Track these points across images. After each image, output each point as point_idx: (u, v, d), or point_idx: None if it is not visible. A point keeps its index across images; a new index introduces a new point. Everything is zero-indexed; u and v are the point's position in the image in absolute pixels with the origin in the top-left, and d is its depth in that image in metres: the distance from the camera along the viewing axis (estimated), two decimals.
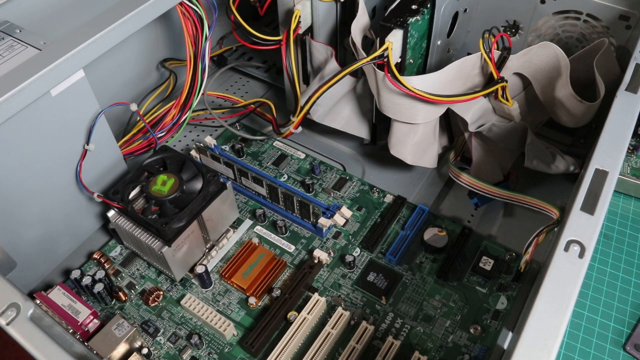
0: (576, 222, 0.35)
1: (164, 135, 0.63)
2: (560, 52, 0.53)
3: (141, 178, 0.55)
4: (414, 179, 0.66)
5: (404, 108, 0.53)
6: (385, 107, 0.54)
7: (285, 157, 0.67)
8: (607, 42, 0.55)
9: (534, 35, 0.64)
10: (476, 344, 0.49)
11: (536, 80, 0.56)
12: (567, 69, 0.53)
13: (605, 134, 0.40)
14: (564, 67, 0.54)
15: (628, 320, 0.55)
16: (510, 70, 0.55)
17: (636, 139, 0.67)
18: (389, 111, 0.55)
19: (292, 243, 0.58)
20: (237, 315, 0.53)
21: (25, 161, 0.49)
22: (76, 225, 0.58)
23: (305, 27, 0.61)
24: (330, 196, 0.63)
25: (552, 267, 0.32)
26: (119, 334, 0.47)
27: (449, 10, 0.59)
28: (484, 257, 0.54)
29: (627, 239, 0.62)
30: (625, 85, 0.44)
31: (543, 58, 0.54)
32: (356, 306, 0.53)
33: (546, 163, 0.60)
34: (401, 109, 0.53)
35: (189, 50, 0.60)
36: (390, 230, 0.59)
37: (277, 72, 0.79)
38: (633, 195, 0.66)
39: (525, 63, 0.55)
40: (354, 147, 0.71)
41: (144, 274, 0.56)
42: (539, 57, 0.54)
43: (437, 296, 0.53)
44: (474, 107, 0.57)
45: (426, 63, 0.62)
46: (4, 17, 0.52)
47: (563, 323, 0.30)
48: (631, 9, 0.56)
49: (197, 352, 0.50)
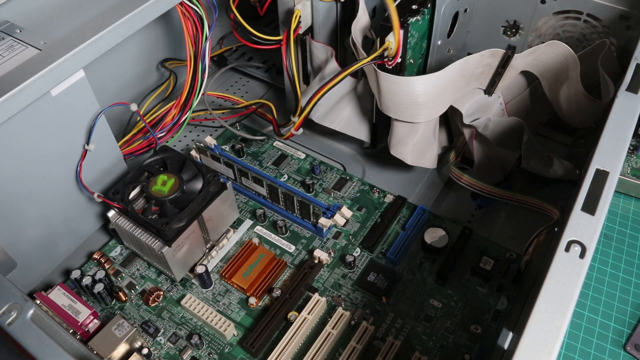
0: (577, 223, 0.35)
1: (164, 135, 0.63)
2: (569, 50, 0.53)
3: (141, 178, 0.55)
4: (414, 179, 0.66)
5: (405, 107, 0.53)
6: (387, 107, 0.54)
7: (286, 157, 0.67)
8: (608, 43, 0.55)
9: (534, 35, 0.64)
10: (476, 344, 0.49)
11: (545, 79, 0.56)
12: (577, 68, 0.54)
13: (605, 134, 0.40)
14: (574, 65, 0.54)
15: (628, 320, 0.55)
16: (516, 68, 0.55)
17: (636, 139, 0.67)
18: (390, 111, 0.55)
19: (293, 243, 0.58)
20: (237, 316, 0.53)
21: (25, 161, 0.49)
22: (76, 225, 0.58)
23: (305, 27, 0.61)
24: (331, 196, 0.63)
25: (553, 267, 0.32)
26: (119, 334, 0.47)
27: (449, 10, 0.59)
28: (484, 257, 0.54)
29: (628, 239, 0.62)
30: (625, 86, 0.44)
31: (552, 56, 0.54)
32: (356, 306, 0.53)
33: (544, 165, 0.60)
34: (402, 108, 0.53)
35: (189, 50, 0.60)
36: (391, 231, 0.59)
37: (277, 72, 0.79)
38: (633, 196, 0.66)
39: (534, 61, 0.55)
40: (354, 147, 0.71)
41: (144, 274, 0.56)
42: (547, 56, 0.54)
43: (438, 296, 0.53)
44: (470, 100, 0.57)
45: (426, 63, 0.62)
46: (4, 17, 0.52)
47: (564, 323, 0.30)
48: (631, 9, 0.56)
49: (197, 352, 0.50)
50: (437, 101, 0.54)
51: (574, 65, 0.54)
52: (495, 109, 0.60)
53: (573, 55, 0.53)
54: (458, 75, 0.53)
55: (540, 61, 0.55)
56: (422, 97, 0.52)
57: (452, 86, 0.54)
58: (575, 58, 0.53)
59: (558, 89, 0.57)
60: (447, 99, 0.55)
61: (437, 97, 0.53)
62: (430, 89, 0.51)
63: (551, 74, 0.56)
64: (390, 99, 0.53)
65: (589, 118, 0.57)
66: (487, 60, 0.54)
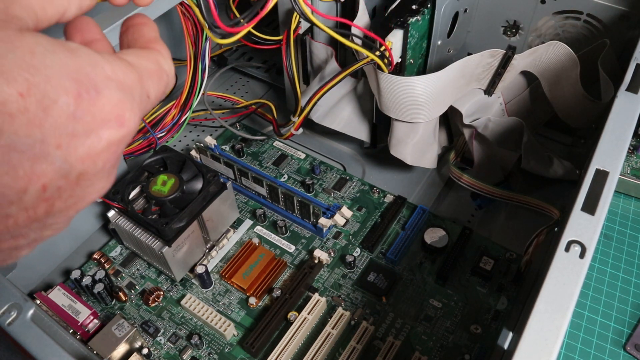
0: (577, 223, 0.35)
1: (164, 135, 0.63)
2: (569, 51, 0.53)
3: (141, 178, 0.55)
4: (414, 179, 0.66)
5: (405, 107, 0.53)
6: (387, 107, 0.54)
7: (286, 157, 0.67)
8: (608, 43, 0.55)
9: (534, 35, 0.64)
10: (476, 344, 0.49)
11: (544, 79, 0.56)
12: (577, 68, 0.54)
13: (605, 134, 0.40)
14: (574, 66, 0.54)
15: (628, 320, 0.55)
16: (516, 69, 0.55)
17: (636, 139, 0.67)
18: (390, 111, 0.55)
19: (293, 243, 0.58)
20: (237, 316, 0.53)
21: None
22: (76, 225, 0.58)
23: (305, 27, 0.61)
24: (331, 196, 0.63)
25: (553, 267, 0.32)
26: (119, 334, 0.47)
27: (449, 10, 0.59)
28: (484, 257, 0.54)
29: (628, 239, 0.62)
30: (625, 86, 0.44)
31: (552, 57, 0.54)
32: (356, 306, 0.53)
33: (543, 165, 0.60)
34: (402, 108, 0.53)
35: (189, 50, 0.59)
36: (391, 231, 0.59)
37: (277, 72, 0.79)
38: (633, 196, 0.66)
39: (534, 62, 0.55)
40: (354, 147, 0.71)
41: (144, 274, 0.56)
42: (547, 56, 0.54)
43: (438, 296, 0.53)
44: (470, 100, 0.57)
45: (426, 63, 0.62)
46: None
47: (564, 323, 0.30)
48: (631, 9, 0.56)
49: (197, 352, 0.50)
50: (437, 101, 0.54)
51: (574, 65, 0.54)
52: (495, 109, 0.60)
53: (573, 56, 0.53)
54: (458, 75, 0.53)
55: (540, 61, 0.55)
56: (422, 97, 0.52)
57: (452, 86, 0.54)
58: (575, 58, 0.53)
59: (558, 89, 0.57)
60: (447, 99, 0.55)
61: (437, 97, 0.53)
62: (430, 89, 0.51)
63: (551, 74, 0.56)
64: (390, 99, 0.53)
65: (588, 118, 0.57)
66: (487, 60, 0.54)
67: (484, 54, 0.53)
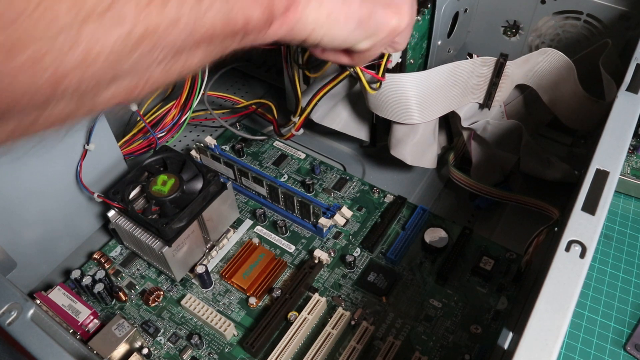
0: (577, 223, 0.35)
1: (164, 135, 0.63)
2: (562, 56, 0.53)
3: (141, 178, 0.55)
4: (414, 179, 0.66)
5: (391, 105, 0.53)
6: (374, 105, 0.54)
7: (286, 157, 0.67)
8: (609, 44, 0.55)
9: (534, 35, 0.64)
10: (476, 344, 0.49)
11: (542, 88, 0.56)
12: (574, 71, 0.53)
13: (605, 134, 0.40)
14: (570, 70, 0.53)
15: (628, 320, 0.55)
16: (511, 78, 0.55)
17: (636, 139, 0.67)
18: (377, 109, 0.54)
19: (293, 243, 0.58)
20: (237, 316, 0.53)
21: (25, 161, 0.49)
22: (76, 225, 0.58)
23: None
24: (331, 196, 0.63)
25: (553, 267, 0.32)
26: (119, 334, 0.47)
27: (450, 11, 0.59)
28: (484, 257, 0.54)
29: (628, 239, 0.62)
30: (625, 86, 0.44)
31: (546, 65, 0.54)
32: (356, 306, 0.53)
33: (542, 167, 0.60)
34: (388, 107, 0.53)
35: None
36: (391, 231, 0.59)
37: (277, 72, 0.79)
38: (633, 196, 0.66)
39: (529, 72, 0.55)
40: (354, 147, 0.71)
41: (144, 274, 0.56)
42: (541, 65, 0.54)
43: (438, 296, 0.53)
44: (469, 103, 0.57)
45: (426, 63, 0.62)
46: None
47: (564, 323, 0.30)
48: (631, 9, 0.56)
49: (197, 352, 0.50)
50: (427, 102, 0.53)
51: (570, 69, 0.53)
52: (494, 111, 0.60)
53: (566, 60, 0.53)
54: (450, 82, 0.52)
55: (535, 72, 0.54)
56: (412, 94, 0.51)
57: (445, 94, 0.53)
58: (569, 62, 0.53)
59: (558, 96, 0.56)
60: (439, 104, 0.54)
61: (427, 97, 0.52)
62: (418, 88, 0.51)
63: (548, 83, 0.55)
64: (377, 97, 0.53)
65: (591, 120, 0.57)
66: (480, 70, 0.53)
67: (475, 61, 0.52)
